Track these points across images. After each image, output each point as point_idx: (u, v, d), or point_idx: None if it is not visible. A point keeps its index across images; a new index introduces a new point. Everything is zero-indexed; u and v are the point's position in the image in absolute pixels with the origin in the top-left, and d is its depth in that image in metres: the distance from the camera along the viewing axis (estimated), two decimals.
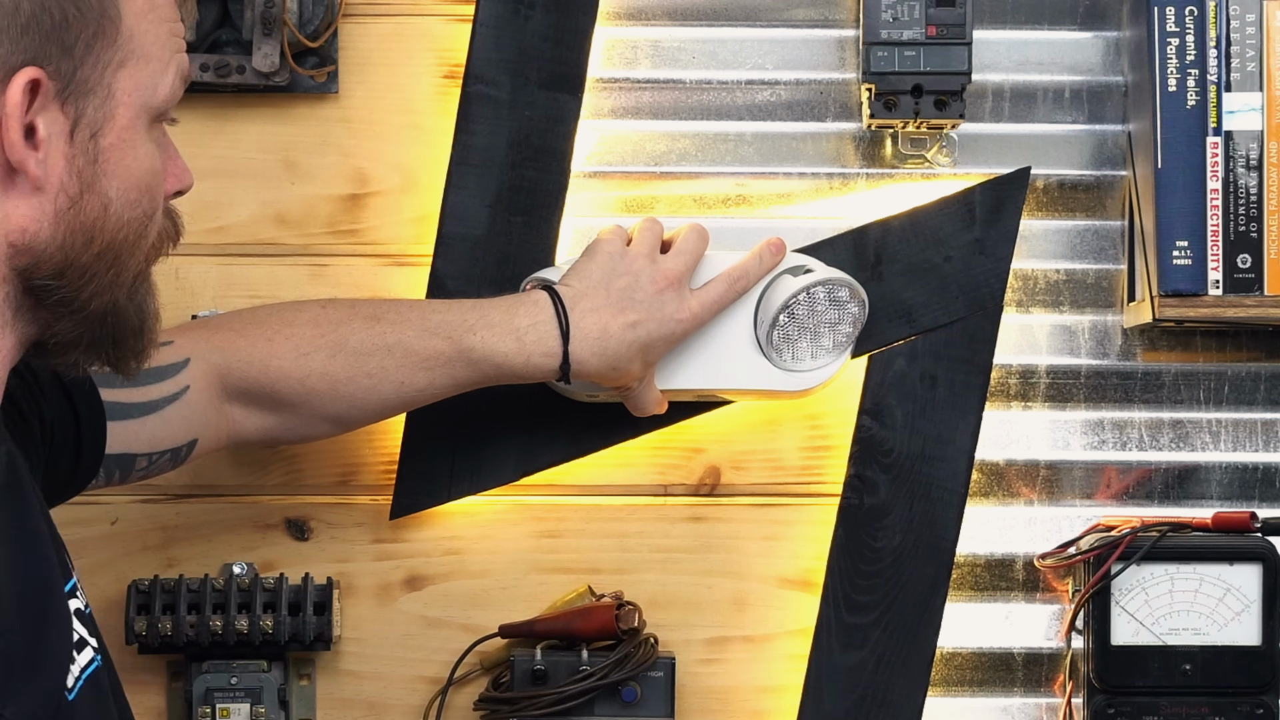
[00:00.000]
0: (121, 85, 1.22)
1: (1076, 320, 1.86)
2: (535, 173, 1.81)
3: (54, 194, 1.19)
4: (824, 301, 1.73)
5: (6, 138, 1.17)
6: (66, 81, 1.19)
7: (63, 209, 1.20)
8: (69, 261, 1.22)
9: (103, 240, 1.23)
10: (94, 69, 1.20)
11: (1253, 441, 1.85)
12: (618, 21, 1.86)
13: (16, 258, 1.20)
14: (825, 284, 1.73)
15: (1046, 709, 1.85)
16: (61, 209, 1.20)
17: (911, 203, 1.83)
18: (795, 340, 1.73)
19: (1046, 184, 1.86)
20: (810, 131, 1.86)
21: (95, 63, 1.20)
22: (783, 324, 1.72)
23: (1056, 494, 1.86)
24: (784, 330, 1.73)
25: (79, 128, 1.20)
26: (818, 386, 1.75)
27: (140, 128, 1.24)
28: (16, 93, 1.16)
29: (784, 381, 1.75)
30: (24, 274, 1.21)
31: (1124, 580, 1.77)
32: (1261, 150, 1.76)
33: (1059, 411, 1.86)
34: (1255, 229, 1.76)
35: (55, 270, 1.21)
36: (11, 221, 1.19)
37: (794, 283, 1.73)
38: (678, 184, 1.86)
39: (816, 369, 1.75)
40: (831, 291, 1.73)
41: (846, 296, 1.74)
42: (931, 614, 1.80)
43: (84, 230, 1.21)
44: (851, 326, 1.75)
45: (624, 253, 1.68)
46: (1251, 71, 1.77)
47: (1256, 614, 1.76)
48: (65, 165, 1.20)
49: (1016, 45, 1.86)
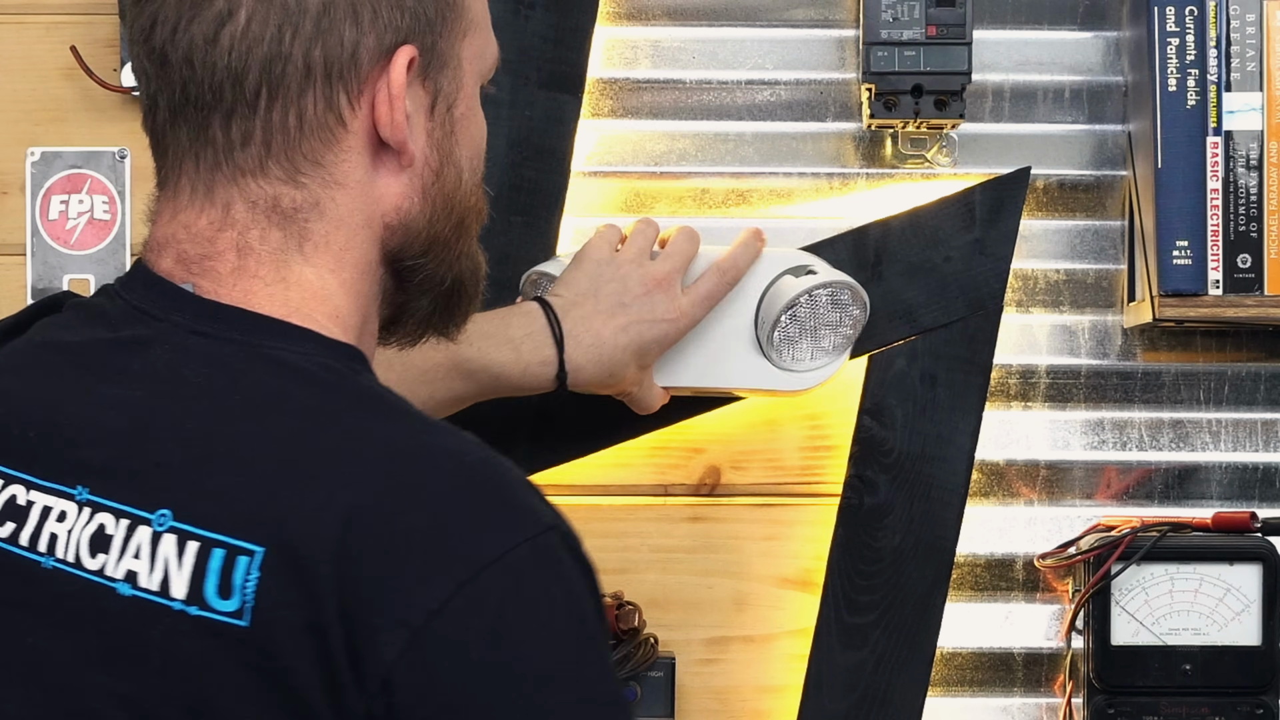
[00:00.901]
0: (466, 54, 1.22)
1: (1076, 320, 1.86)
2: (535, 173, 1.81)
3: (420, 169, 1.19)
4: (826, 304, 1.73)
5: (391, 118, 1.16)
6: (429, 57, 1.19)
7: (429, 184, 1.20)
8: (434, 236, 1.21)
9: (459, 210, 1.23)
10: (448, 42, 1.20)
11: (1253, 441, 1.85)
12: (618, 21, 1.86)
13: (390, 239, 1.19)
14: (828, 286, 1.72)
15: (1046, 709, 1.85)
16: (428, 184, 1.20)
17: (911, 203, 1.83)
18: (796, 341, 1.73)
19: (1046, 184, 1.86)
20: (810, 131, 1.86)
21: (450, 35, 1.20)
22: (784, 325, 1.72)
23: (1056, 494, 1.86)
24: (785, 331, 1.72)
25: (438, 101, 1.20)
26: (816, 386, 1.75)
27: (476, 94, 1.25)
28: (400, 73, 1.16)
29: (783, 381, 1.74)
30: (394, 257, 1.20)
31: (1124, 580, 1.77)
32: (1261, 150, 1.76)
33: (1059, 411, 1.86)
34: (1255, 229, 1.76)
35: (423, 247, 1.21)
36: (387, 201, 1.18)
37: (797, 284, 1.72)
38: (678, 184, 1.86)
39: (816, 369, 1.74)
40: (834, 294, 1.73)
41: (849, 299, 1.73)
42: (931, 614, 1.80)
43: (445, 203, 1.21)
44: (852, 328, 1.74)
45: (611, 259, 1.68)
46: (1251, 71, 1.77)
47: (1256, 614, 1.76)
48: (427, 139, 1.19)
49: (1016, 45, 1.86)
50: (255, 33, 1.14)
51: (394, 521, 1.08)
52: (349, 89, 1.16)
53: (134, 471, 1.11)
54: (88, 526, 1.11)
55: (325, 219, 1.17)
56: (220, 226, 1.17)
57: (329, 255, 1.17)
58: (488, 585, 1.07)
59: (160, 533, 1.10)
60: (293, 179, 1.16)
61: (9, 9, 1.84)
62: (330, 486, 1.08)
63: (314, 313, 1.17)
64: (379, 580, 1.07)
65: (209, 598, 1.08)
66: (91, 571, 1.11)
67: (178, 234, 1.18)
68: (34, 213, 1.85)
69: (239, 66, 1.14)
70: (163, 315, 1.16)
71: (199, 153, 1.17)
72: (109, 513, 1.11)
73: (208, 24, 1.14)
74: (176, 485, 1.10)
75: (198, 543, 1.09)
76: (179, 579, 1.09)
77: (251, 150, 1.16)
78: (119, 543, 1.10)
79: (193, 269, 1.17)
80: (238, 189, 1.16)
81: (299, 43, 1.14)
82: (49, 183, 1.85)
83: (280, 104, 1.15)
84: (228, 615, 1.07)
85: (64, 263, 1.85)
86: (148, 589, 1.09)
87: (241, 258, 1.16)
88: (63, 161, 1.85)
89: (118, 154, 1.84)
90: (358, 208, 1.18)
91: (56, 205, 1.85)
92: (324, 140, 1.16)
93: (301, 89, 1.15)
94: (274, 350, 1.14)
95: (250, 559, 1.07)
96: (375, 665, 1.06)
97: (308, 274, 1.17)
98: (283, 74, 1.15)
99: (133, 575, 1.10)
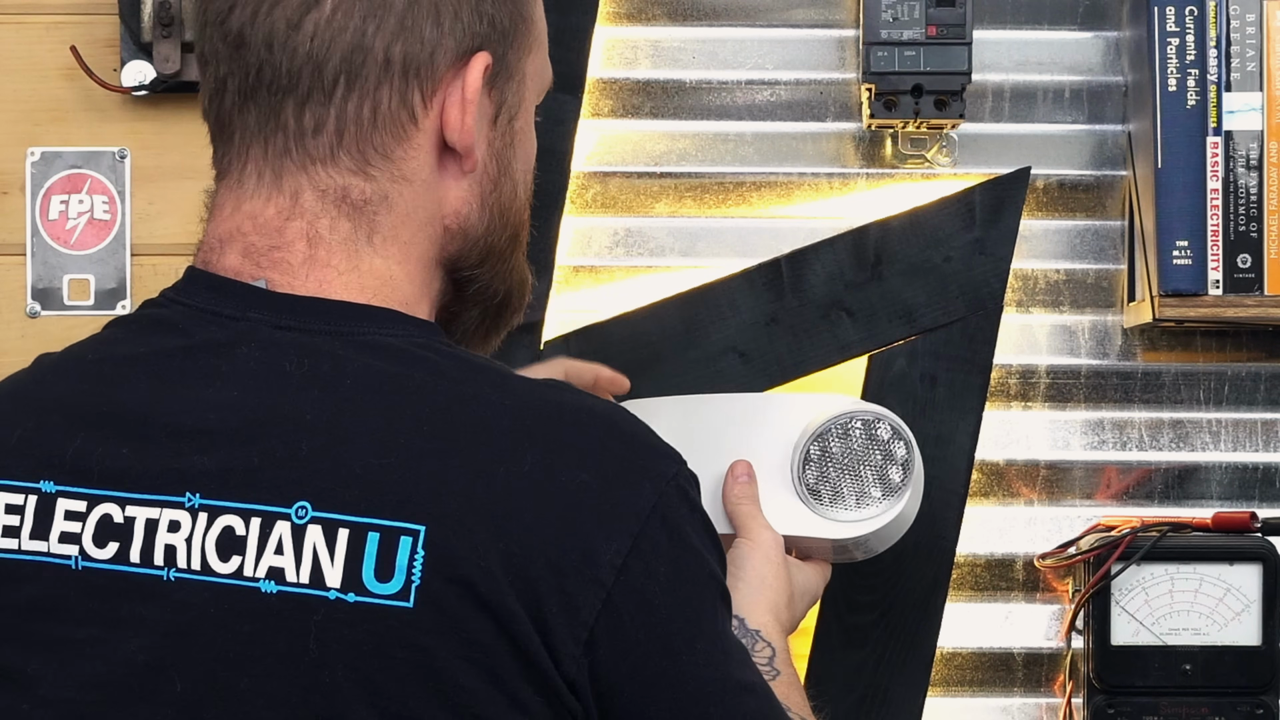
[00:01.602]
0: (529, 70, 1.23)
1: (1076, 320, 1.86)
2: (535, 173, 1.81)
3: (480, 177, 1.20)
4: (861, 437, 1.60)
5: (462, 122, 1.17)
6: (499, 67, 1.19)
7: (487, 192, 1.20)
8: (490, 247, 1.22)
9: (514, 223, 1.23)
10: (517, 55, 1.21)
11: (1253, 441, 1.85)
12: (618, 21, 1.86)
13: (449, 244, 1.19)
14: (861, 417, 1.59)
15: (1046, 709, 1.85)
16: (486, 192, 1.20)
17: (911, 203, 1.83)
18: (835, 482, 1.61)
19: (1046, 184, 1.86)
20: (810, 131, 1.86)
21: (519, 49, 1.21)
22: (814, 459, 1.60)
23: (1056, 494, 1.86)
24: (819, 469, 1.60)
25: (502, 112, 1.20)
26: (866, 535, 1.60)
27: (533, 111, 1.25)
28: (476, 78, 1.17)
29: (825, 529, 1.60)
30: (453, 263, 1.21)
31: (1124, 580, 1.77)
32: (1261, 150, 1.76)
33: (1059, 411, 1.86)
34: (1255, 229, 1.76)
35: (480, 257, 1.21)
36: (448, 204, 1.19)
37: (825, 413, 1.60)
38: (678, 184, 1.86)
39: (864, 519, 1.60)
40: (869, 427, 1.59)
41: (888, 435, 1.59)
42: (931, 614, 1.80)
43: (502, 213, 1.22)
44: (899, 472, 1.59)
45: None
46: (1251, 71, 1.77)
47: (1256, 614, 1.76)
48: (488, 149, 1.20)
49: (1016, 45, 1.86)
50: (340, 22, 1.15)
51: (557, 484, 1.09)
52: (424, 88, 1.16)
53: (254, 469, 1.10)
54: (210, 531, 1.10)
55: (393, 212, 1.17)
56: (289, 215, 1.16)
57: (397, 247, 1.17)
58: (653, 533, 1.10)
59: (302, 525, 1.09)
60: (362, 170, 1.16)
61: (9, 9, 1.84)
62: (482, 458, 1.09)
63: (389, 298, 1.17)
64: (559, 544, 1.08)
65: (367, 582, 1.08)
66: (225, 575, 1.10)
67: (243, 225, 1.17)
68: (34, 213, 1.85)
69: (320, 54, 1.15)
70: (239, 314, 1.15)
71: (269, 137, 1.17)
72: (234, 514, 1.10)
73: (292, 9, 1.15)
74: (310, 476, 1.09)
75: (348, 529, 1.08)
76: (332, 568, 1.08)
77: (323, 138, 1.16)
78: (254, 542, 1.09)
79: (262, 262, 1.16)
80: (307, 177, 1.16)
81: (381, 36, 1.15)
82: (49, 183, 1.85)
83: (356, 95, 1.15)
84: (389, 598, 1.07)
85: (64, 263, 1.85)
86: (297, 583, 1.08)
87: (312, 247, 1.16)
88: (63, 161, 1.85)
89: (118, 154, 1.84)
90: (422, 205, 1.18)
91: (56, 205, 1.85)
92: (394, 135, 1.16)
93: (379, 82, 1.15)
94: (367, 335, 1.14)
95: (414, 539, 1.07)
96: (575, 629, 1.07)
97: (378, 264, 1.17)
98: (362, 65, 1.15)
99: (277, 572, 1.09)
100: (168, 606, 1.10)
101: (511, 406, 1.12)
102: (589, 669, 1.08)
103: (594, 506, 1.09)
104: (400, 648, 1.07)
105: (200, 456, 1.11)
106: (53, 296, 1.85)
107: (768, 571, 1.54)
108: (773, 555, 1.55)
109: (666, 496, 1.11)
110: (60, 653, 1.11)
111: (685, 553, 1.12)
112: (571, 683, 1.08)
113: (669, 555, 1.10)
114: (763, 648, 1.49)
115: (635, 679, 1.10)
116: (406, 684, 1.07)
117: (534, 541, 1.08)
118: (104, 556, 1.12)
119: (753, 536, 1.56)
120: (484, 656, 1.07)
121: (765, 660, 1.48)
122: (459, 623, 1.07)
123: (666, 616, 1.10)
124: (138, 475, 1.12)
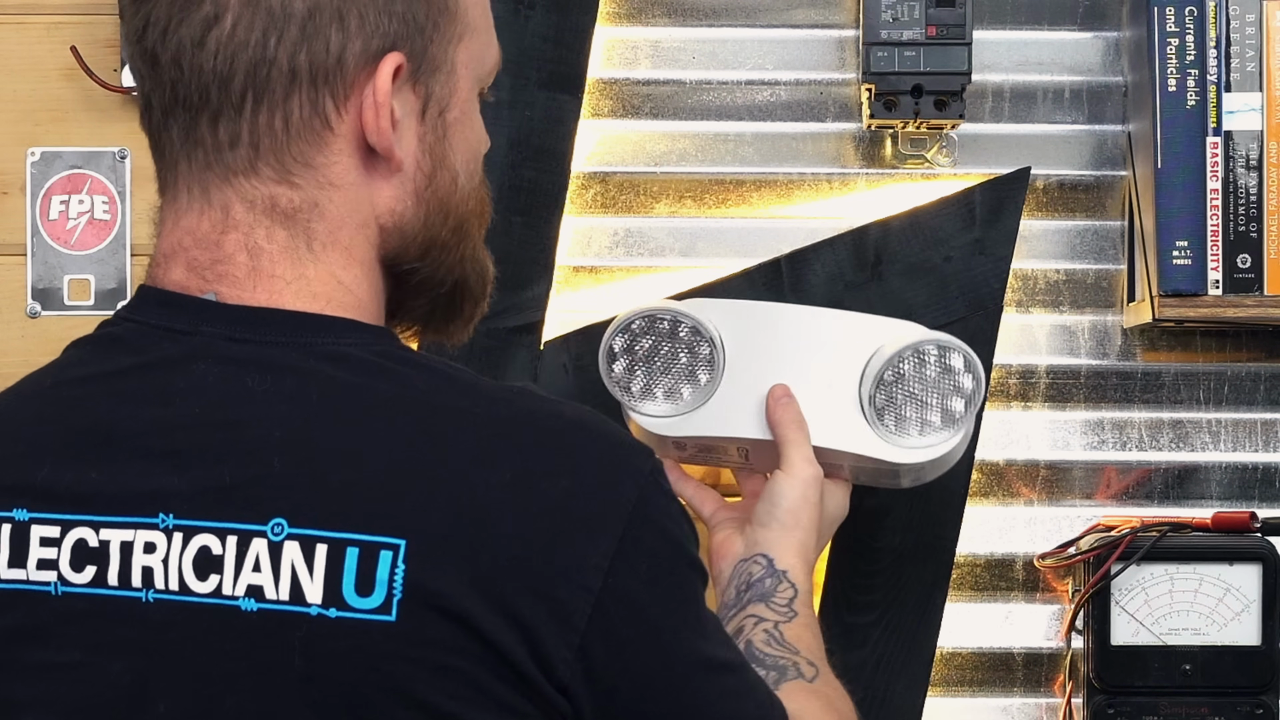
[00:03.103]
0: (460, 59, 1.22)
1: (1076, 320, 1.86)
2: (535, 173, 1.81)
3: (412, 174, 1.19)
4: (935, 364, 1.59)
5: (376, 124, 1.16)
6: (419, 62, 1.19)
7: (421, 188, 1.20)
8: (432, 240, 1.21)
9: (456, 214, 1.23)
10: (440, 46, 1.20)
11: (1253, 441, 1.86)
12: (618, 21, 1.86)
13: (387, 243, 1.19)
14: (938, 346, 1.59)
15: (1046, 709, 1.85)
16: (420, 188, 1.20)
17: (911, 203, 1.83)
18: (900, 406, 1.60)
19: (1046, 184, 1.86)
20: (810, 131, 1.86)
21: (442, 40, 1.20)
22: (887, 383, 1.59)
23: (1056, 494, 1.86)
24: (889, 392, 1.59)
25: (429, 105, 1.20)
26: (922, 462, 1.61)
27: (473, 99, 1.24)
28: (385, 79, 1.16)
29: (885, 451, 1.60)
30: (392, 261, 1.20)
31: (1124, 580, 1.77)
32: (1261, 150, 1.76)
33: (1059, 411, 1.86)
34: (1255, 229, 1.76)
35: (421, 251, 1.21)
36: (381, 204, 1.18)
37: (902, 339, 1.60)
38: (678, 184, 1.86)
39: (924, 446, 1.60)
40: (943, 355, 1.59)
41: (960, 366, 1.59)
42: (931, 614, 1.80)
43: (441, 206, 1.21)
44: (963, 401, 1.59)
45: None
46: (1251, 71, 1.77)
47: (1256, 614, 1.76)
48: (418, 144, 1.19)
49: (1016, 45, 1.86)
50: (240, 37, 1.14)
51: (538, 492, 1.10)
52: (335, 93, 1.16)
53: (226, 487, 1.10)
54: (186, 551, 1.10)
55: (326, 218, 1.17)
56: (223, 229, 1.16)
57: (338, 252, 1.17)
58: (636, 531, 1.11)
59: (279, 542, 1.09)
60: (286, 179, 1.16)
61: (9, 9, 1.84)
62: (459, 469, 1.09)
63: (342, 305, 1.17)
64: (544, 553, 1.08)
65: (348, 597, 1.08)
66: (204, 595, 1.10)
67: (183, 241, 1.17)
68: (34, 213, 1.85)
69: (224, 70, 1.15)
70: (191, 328, 1.15)
71: (190, 153, 1.17)
72: (209, 533, 1.10)
73: (195, 27, 1.15)
74: (284, 492, 1.09)
75: (325, 545, 1.08)
76: (312, 584, 1.08)
77: (240, 151, 1.16)
78: (232, 560, 1.09)
79: (207, 276, 1.16)
80: (232, 189, 1.16)
81: (284, 47, 1.14)
82: (49, 183, 1.85)
83: (266, 107, 1.15)
84: (371, 612, 1.07)
85: (64, 263, 1.85)
86: (276, 600, 1.09)
87: (254, 258, 1.16)
88: (63, 162, 1.85)
89: (118, 154, 1.84)
90: (355, 208, 1.18)
91: (57, 205, 1.85)
92: (311, 143, 1.16)
93: (287, 93, 1.15)
94: (326, 346, 1.14)
95: (394, 553, 1.07)
96: (566, 635, 1.08)
97: (323, 270, 1.17)
98: (267, 78, 1.15)
99: (256, 590, 1.09)
100: (148, 628, 1.10)
101: (483, 415, 1.12)
102: (583, 672, 1.09)
103: (576, 512, 1.10)
104: (385, 661, 1.07)
105: (171, 477, 1.11)
106: (53, 297, 1.85)
107: (804, 512, 1.54)
108: (810, 494, 1.55)
109: (646, 491, 1.12)
110: (45, 679, 1.11)
111: (666, 544, 1.13)
112: (564, 687, 1.09)
113: (651, 550, 1.12)
114: (785, 588, 1.50)
115: (628, 674, 1.11)
116: (393, 697, 1.07)
117: (518, 552, 1.08)
118: (82, 581, 1.12)
119: (794, 471, 1.55)
120: (470, 667, 1.07)
121: (785, 601, 1.48)
122: (444, 635, 1.07)
123: (653, 611, 1.12)
124: (109, 498, 1.12)
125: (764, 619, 1.47)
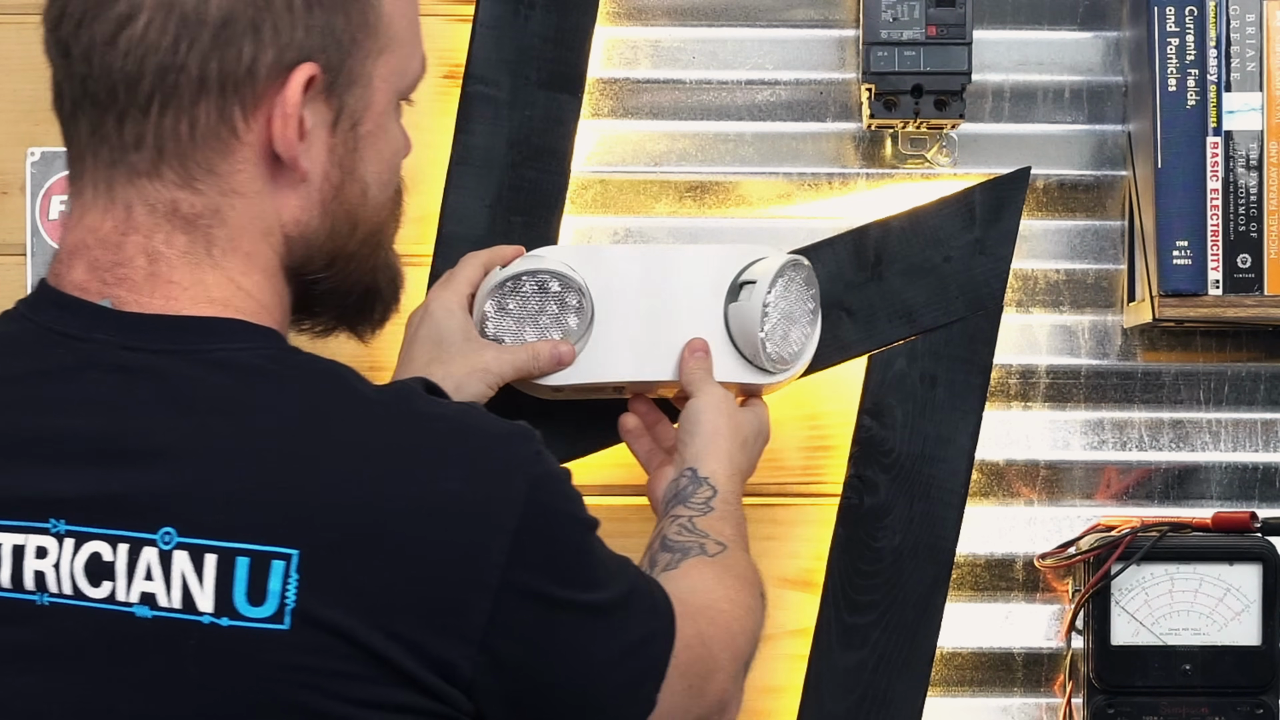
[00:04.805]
0: (379, 73, 1.21)
1: (1076, 320, 1.86)
2: (535, 173, 1.81)
3: (319, 184, 1.19)
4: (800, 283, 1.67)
5: (283, 134, 1.16)
6: (336, 75, 1.18)
7: (328, 198, 1.20)
8: (338, 250, 1.22)
9: (366, 225, 1.23)
10: (359, 60, 1.20)
11: (1253, 441, 1.85)
12: (618, 21, 1.86)
13: (292, 252, 1.20)
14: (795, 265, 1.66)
15: (1046, 709, 1.85)
16: (327, 198, 1.20)
17: (911, 203, 1.83)
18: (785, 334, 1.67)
19: (1046, 184, 1.86)
20: (810, 131, 1.86)
21: (361, 54, 1.20)
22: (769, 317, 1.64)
23: (1056, 494, 1.86)
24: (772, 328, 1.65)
25: (341, 118, 1.20)
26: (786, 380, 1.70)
27: (391, 111, 1.24)
28: (296, 91, 1.16)
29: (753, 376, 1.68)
30: (297, 270, 1.21)
31: (1124, 580, 1.77)
32: (1261, 150, 1.76)
33: (1059, 411, 1.86)
34: (1255, 229, 1.76)
35: (326, 261, 1.21)
36: (286, 213, 1.18)
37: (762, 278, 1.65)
38: (678, 184, 1.86)
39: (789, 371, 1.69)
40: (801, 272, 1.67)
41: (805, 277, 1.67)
42: (931, 614, 1.80)
43: (348, 217, 1.21)
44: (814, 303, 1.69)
45: None
46: (1251, 71, 1.77)
47: (1256, 614, 1.76)
48: (328, 155, 1.19)
49: (1016, 45, 1.86)
50: (152, 40, 1.14)
51: (428, 495, 1.10)
52: (244, 102, 1.16)
53: (117, 495, 1.10)
54: (77, 557, 1.10)
55: (228, 225, 1.17)
56: (125, 230, 1.16)
57: (239, 259, 1.17)
58: (530, 520, 1.12)
59: (169, 551, 1.09)
60: (188, 185, 1.16)
61: (9, 9, 1.84)
62: (347, 476, 1.09)
63: (239, 310, 1.17)
64: (439, 555, 1.09)
65: (240, 606, 1.08)
66: (98, 600, 1.10)
67: (86, 239, 1.17)
68: (34, 213, 1.85)
69: (133, 71, 1.14)
70: (85, 335, 1.15)
71: (96, 149, 1.17)
72: (101, 540, 1.10)
73: (108, 24, 1.15)
74: (172, 502, 1.10)
75: (215, 554, 1.09)
76: (202, 593, 1.09)
77: (144, 153, 1.16)
78: (123, 568, 1.10)
79: (107, 279, 1.16)
80: (135, 190, 1.16)
81: (195, 54, 1.14)
82: (49, 183, 1.85)
83: (172, 111, 1.15)
84: (263, 621, 1.08)
85: None
86: (169, 608, 1.09)
87: (153, 263, 1.16)
88: (63, 162, 1.85)
89: None
90: (258, 216, 1.18)
91: (56, 205, 1.84)
92: (217, 150, 1.16)
93: (194, 99, 1.15)
94: (215, 353, 1.14)
95: (286, 563, 1.08)
96: (467, 631, 1.09)
97: (222, 277, 1.17)
98: (175, 84, 1.14)
99: (149, 597, 1.09)
100: (41, 630, 1.11)
101: (366, 420, 1.12)
102: (489, 665, 1.10)
103: (469, 511, 1.11)
104: (278, 670, 1.08)
105: (62, 483, 1.11)
106: None
107: (720, 421, 1.58)
108: (724, 406, 1.59)
109: (534, 478, 1.13)
110: None
111: (557, 521, 1.15)
112: (469, 683, 1.10)
113: (546, 534, 1.13)
114: (705, 490, 1.53)
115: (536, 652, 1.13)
116: (287, 705, 1.08)
117: (412, 555, 1.09)
118: None
119: (705, 391, 1.60)
120: (364, 673, 1.08)
121: (703, 500, 1.52)
122: (338, 643, 1.08)
123: (552, 588, 1.13)
124: (2, 503, 1.12)
125: (679, 516, 1.50)
